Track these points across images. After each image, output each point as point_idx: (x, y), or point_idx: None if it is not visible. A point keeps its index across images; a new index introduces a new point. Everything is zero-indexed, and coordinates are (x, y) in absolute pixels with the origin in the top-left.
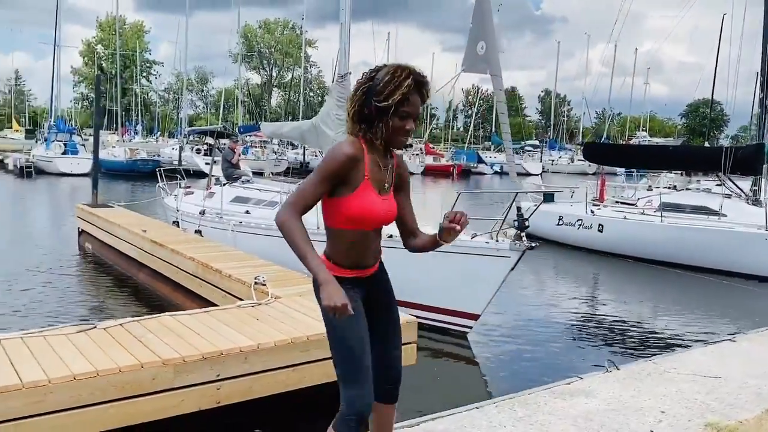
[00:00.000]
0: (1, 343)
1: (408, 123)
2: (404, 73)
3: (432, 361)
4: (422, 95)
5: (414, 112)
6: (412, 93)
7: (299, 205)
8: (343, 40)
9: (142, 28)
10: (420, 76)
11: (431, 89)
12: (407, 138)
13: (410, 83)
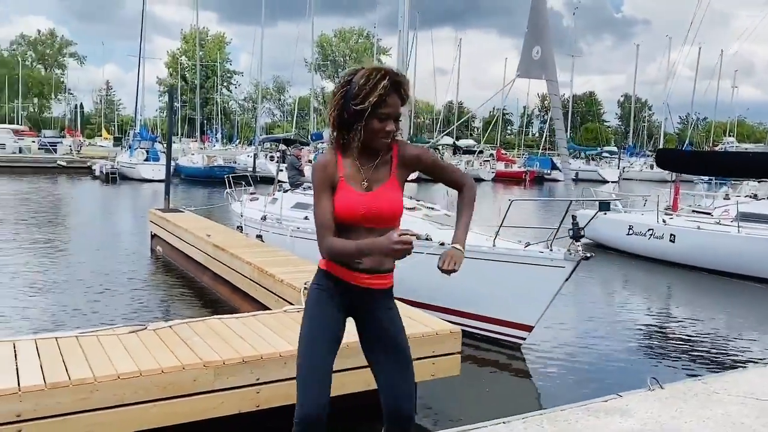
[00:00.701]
0: (57, 341)
1: (388, 124)
2: (380, 75)
3: (479, 371)
4: (401, 96)
5: (393, 113)
6: (390, 94)
7: (324, 227)
8: (401, 48)
9: (223, 39)
10: (397, 76)
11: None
12: (388, 139)
13: (386, 84)
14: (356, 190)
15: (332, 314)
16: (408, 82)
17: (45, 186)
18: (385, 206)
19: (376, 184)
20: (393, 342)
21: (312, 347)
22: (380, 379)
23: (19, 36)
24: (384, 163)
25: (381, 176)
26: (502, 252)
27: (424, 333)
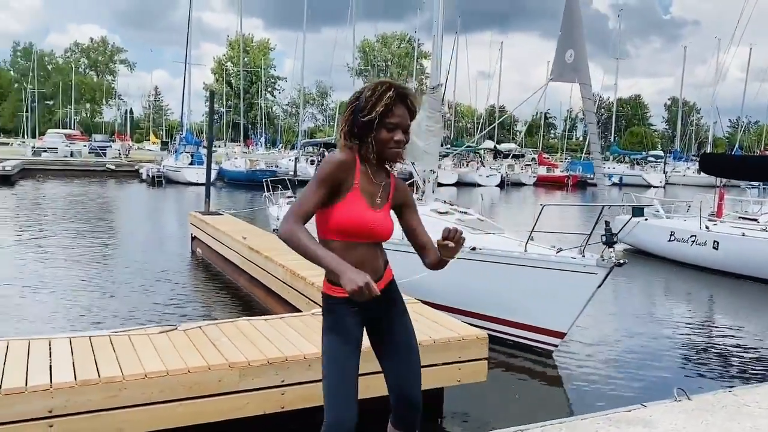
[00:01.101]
0: (90, 340)
1: (396, 134)
2: (384, 86)
3: (508, 377)
4: (408, 107)
5: (401, 123)
6: (396, 104)
7: (300, 214)
8: (436, 52)
9: (267, 45)
10: (401, 88)
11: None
12: (399, 149)
13: (391, 95)
14: (368, 204)
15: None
16: (414, 95)
17: (94, 189)
18: (388, 227)
19: (381, 203)
20: (405, 346)
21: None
22: (390, 378)
23: (73, 44)
24: (387, 186)
25: (383, 197)
26: (534, 258)
27: (450, 338)
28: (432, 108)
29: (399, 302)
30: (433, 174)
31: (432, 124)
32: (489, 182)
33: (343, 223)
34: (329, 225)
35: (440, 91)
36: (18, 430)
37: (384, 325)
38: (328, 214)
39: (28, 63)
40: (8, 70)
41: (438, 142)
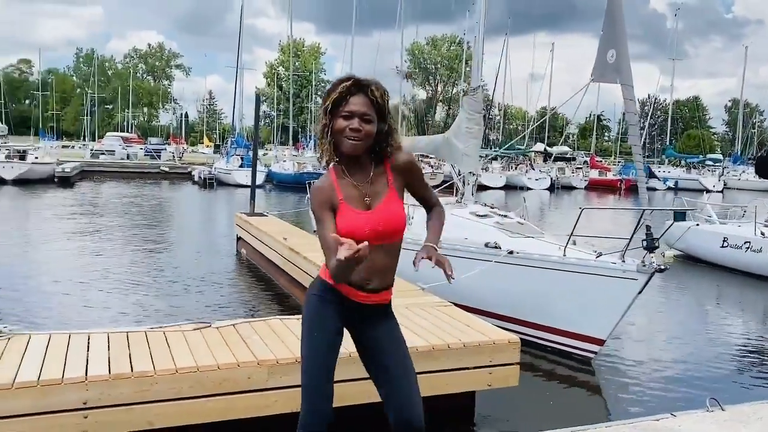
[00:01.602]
0: (127, 336)
1: (351, 122)
2: (343, 78)
3: (544, 383)
4: (369, 96)
5: (356, 111)
6: (353, 94)
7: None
8: (476, 54)
9: (318, 49)
10: (362, 79)
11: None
12: (355, 139)
13: (347, 84)
14: (357, 209)
15: (334, 326)
16: (378, 86)
17: (148, 190)
18: (388, 221)
19: (376, 199)
20: (396, 353)
21: (316, 358)
22: (385, 390)
23: (131, 50)
24: (379, 175)
25: (379, 190)
26: (573, 262)
27: (481, 341)
28: (471, 110)
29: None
30: (473, 176)
31: (471, 126)
32: (538, 185)
33: (342, 233)
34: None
35: (480, 93)
36: (54, 420)
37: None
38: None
39: (90, 69)
40: (71, 76)
41: (477, 145)
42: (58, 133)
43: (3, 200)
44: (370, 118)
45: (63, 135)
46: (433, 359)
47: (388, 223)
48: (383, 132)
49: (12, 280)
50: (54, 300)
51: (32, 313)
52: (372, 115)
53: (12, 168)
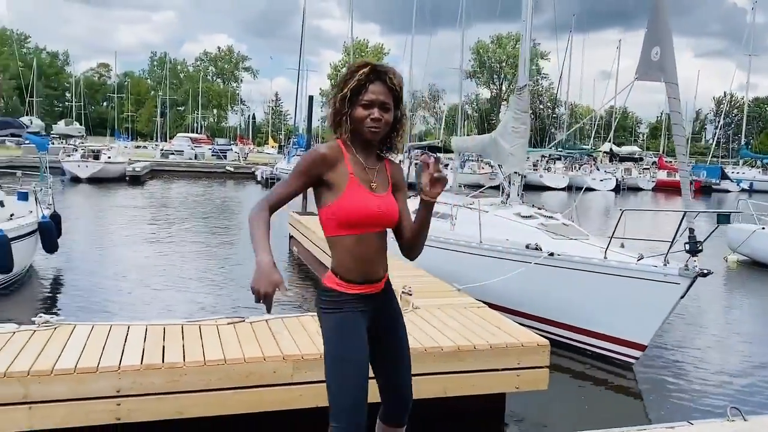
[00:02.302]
0: (164, 328)
1: (372, 112)
2: (359, 64)
3: (581, 387)
4: (387, 84)
5: (376, 100)
6: (372, 81)
7: (269, 201)
8: (523, 51)
9: (381, 50)
10: (379, 66)
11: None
12: (376, 128)
13: (365, 71)
14: (368, 190)
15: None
16: (395, 73)
17: (213, 189)
18: (391, 210)
19: (381, 188)
20: (400, 345)
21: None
22: (383, 377)
23: (202, 53)
24: (382, 170)
25: (383, 180)
26: (614, 265)
27: (509, 343)
28: (517, 109)
29: (395, 301)
30: (518, 176)
31: (518, 125)
32: (603, 186)
33: (351, 215)
34: (339, 220)
35: (527, 92)
36: (90, 406)
37: (381, 323)
38: (333, 210)
39: (163, 72)
40: (146, 79)
41: (524, 144)
42: (133, 133)
43: (78, 197)
44: (389, 106)
45: (137, 136)
46: (458, 360)
47: (392, 211)
48: (397, 119)
49: (79, 273)
50: (115, 291)
51: (92, 303)
52: (390, 104)
53: (87, 167)
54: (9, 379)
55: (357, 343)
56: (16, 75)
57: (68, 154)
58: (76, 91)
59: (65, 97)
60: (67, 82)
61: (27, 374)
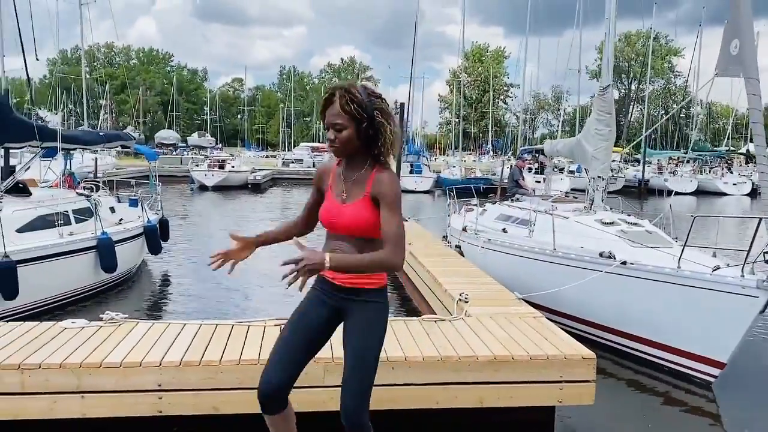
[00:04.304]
0: (216, 327)
1: (329, 133)
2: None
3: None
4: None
5: (328, 123)
6: (328, 105)
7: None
8: (607, 51)
9: (502, 53)
10: (334, 88)
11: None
12: (332, 147)
13: (325, 97)
14: (334, 199)
15: (316, 310)
16: (344, 93)
17: None
18: (343, 220)
19: (350, 198)
20: (355, 345)
21: (285, 333)
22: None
23: (326, 65)
24: (363, 180)
25: (357, 192)
26: (687, 275)
27: (551, 355)
28: (601, 110)
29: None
30: (602, 181)
31: (601, 127)
32: (736, 190)
33: (320, 219)
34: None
35: (609, 93)
36: (134, 398)
37: (347, 325)
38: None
39: (293, 85)
40: (275, 92)
41: (608, 147)
42: (263, 144)
43: (204, 203)
44: (341, 126)
45: (267, 146)
46: (494, 370)
47: (345, 221)
48: (369, 135)
49: (180, 274)
50: (207, 292)
51: (180, 302)
52: (343, 123)
53: (213, 176)
54: (64, 369)
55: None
56: (161, 91)
57: (196, 163)
58: (212, 105)
59: (203, 111)
60: (204, 96)
61: (79, 366)
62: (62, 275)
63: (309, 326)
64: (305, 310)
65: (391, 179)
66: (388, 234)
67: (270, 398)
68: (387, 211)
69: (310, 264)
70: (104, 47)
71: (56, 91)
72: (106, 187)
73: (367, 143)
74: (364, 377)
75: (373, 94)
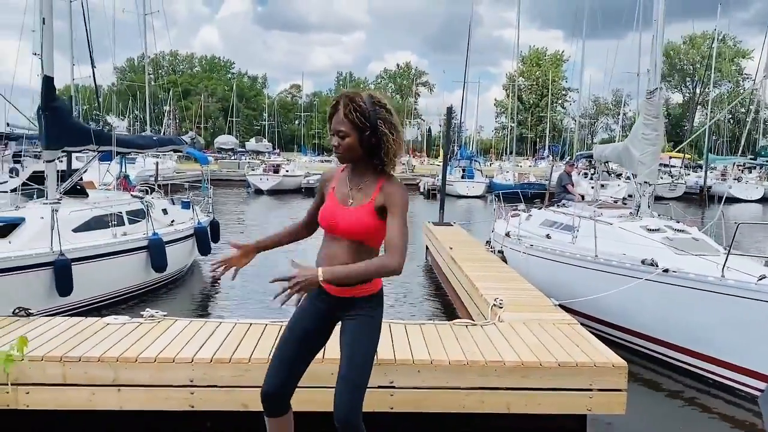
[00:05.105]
0: (250, 326)
1: (333, 140)
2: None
3: (683, 414)
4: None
5: (333, 129)
6: (334, 113)
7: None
8: (654, 52)
9: (560, 57)
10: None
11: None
12: (337, 153)
13: (331, 105)
14: (337, 201)
15: (312, 315)
16: (349, 101)
17: None
18: (343, 224)
19: (356, 202)
20: (346, 348)
21: (281, 342)
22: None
23: (382, 71)
24: (370, 187)
25: (362, 198)
26: (730, 284)
27: (580, 362)
28: (648, 114)
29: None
30: (649, 187)
31: (648, 132)
32: None
33: (320, 219)
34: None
35: (657, 96)
36: (167, 393)
37: (342, 327)
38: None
39: None
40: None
41: (656, 152)
42: (319, 149)
43: (258, 206)
44: (345, 133)
45: (323, 150)
46: (521, 376)
47: (346, 224)
48: (371, 144)
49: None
50: (249, 291)
51: (224, 301)
52: (346, 130)
53: (267, 180)
54: (102, 363)
55: (299, 315)
56: (222, 98)
57: (252, 168)
58: (270, 111)
59: (262, 116)
60: (263, 103)
61: (116, 360)
62: (114, 274)
63: (305, 328)
64: (302, 315)
65: (400, 190)
66: (392, 240)
67: (271, 400)
68: (393, 218)
69: (303, 281)
70: (169, 55)
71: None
72: (161, 189)
73: (370, 151)
74: (354, 380)
75: (378, 104)
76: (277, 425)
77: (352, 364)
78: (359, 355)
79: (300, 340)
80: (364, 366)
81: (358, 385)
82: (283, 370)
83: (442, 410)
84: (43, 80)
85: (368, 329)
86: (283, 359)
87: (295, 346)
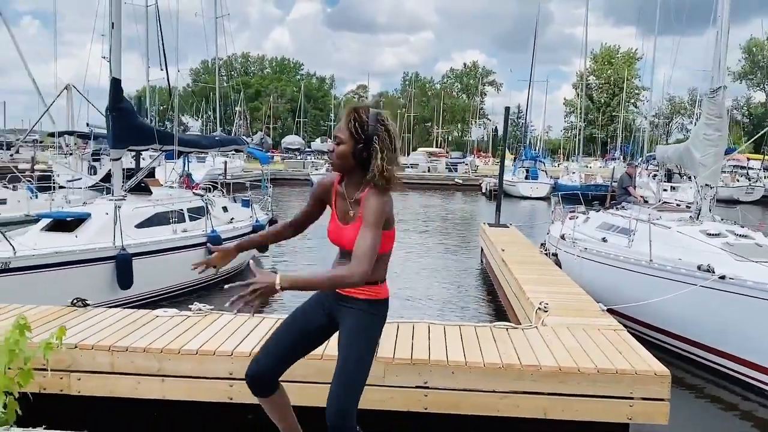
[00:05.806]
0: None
1: (329, 144)
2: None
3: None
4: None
5: (334, 134)
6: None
7: (295, 217)
8: (718, 51)
9: (633, 55)
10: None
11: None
12: (329, 158)
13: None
14: (337, 219)
15: (315, 311)
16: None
17: (439, 201)
18: (346, 242)
19: (352, 219)
20: (342, 350)
21: (280, 328)
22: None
23: (448, 70)
24: (358, 202)
25: (355, 213)
26: None
27: (620, 369)
28: (710, 114)
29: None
30: (711, 189)
31: (710, 132)
32: None
33: (328, 236)
34: None
35: (722, 95)
36: (208, 384)
37: (340, 328)
38: None
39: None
40: (398, 98)
41: (718, 154)
42: None
43: None
44: (340, 140)
45: None
46: (558, 381)
47: (347, 241)
48: (362, 157)
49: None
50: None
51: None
52: (342, 137)
53: None
54: (147, 353)
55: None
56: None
57: (316, 167)
58: (337, 112)
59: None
60: (331, 103)
61: (161, 351)
62: (173, 269)
63: (307, 322)
64: (305, 308)
65: (374, 200)
66: (357, 250)
67: (254, 380)
68: (362, 228)
69: (260, 288)
70: (241, 57)
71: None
72: (223, 188)
73: (362, 164)
74: (346, 382)
75: (381, 122)
76: (270, 404)
77: (346, 365)
78: (351, 360)
79: (301, 331)
80: (356, 370)
81: (351, 387)
82: (275, 355)
83: (476, 413)
84: (111, 82)
85: (364, 335)
86: (279, 344)
87: (293, 336)
